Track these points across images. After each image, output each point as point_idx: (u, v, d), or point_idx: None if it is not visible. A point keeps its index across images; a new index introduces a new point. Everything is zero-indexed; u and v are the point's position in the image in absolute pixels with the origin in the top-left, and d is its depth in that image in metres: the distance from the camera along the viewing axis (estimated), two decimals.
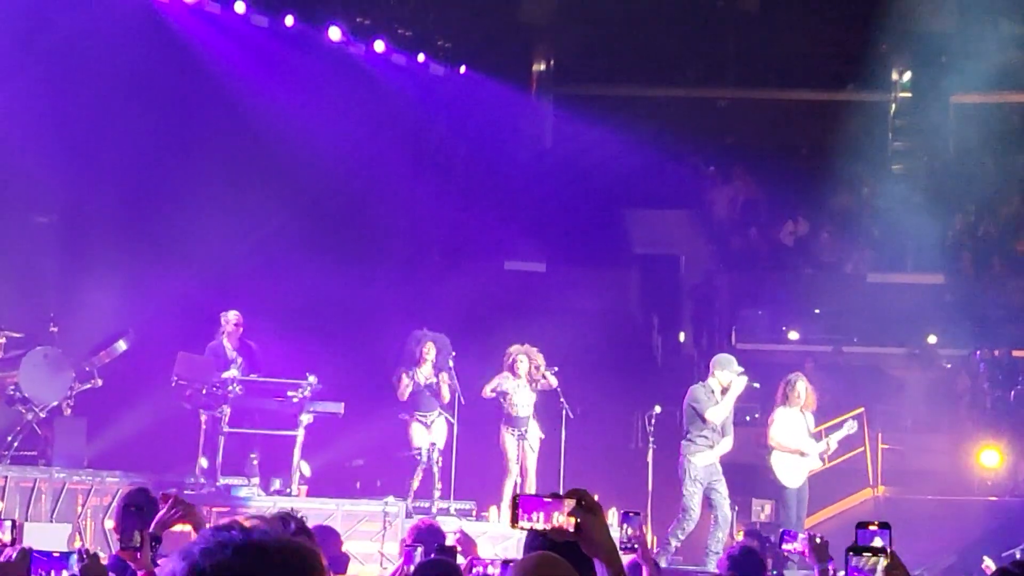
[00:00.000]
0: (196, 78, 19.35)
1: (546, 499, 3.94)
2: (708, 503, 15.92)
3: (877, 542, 3.93)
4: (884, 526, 3.97)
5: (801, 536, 6.04)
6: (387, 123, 21.34)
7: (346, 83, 21.14)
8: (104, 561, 6.31)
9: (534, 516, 3.92)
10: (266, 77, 20.05)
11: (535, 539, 4.35)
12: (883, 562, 3.72)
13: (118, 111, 17.97)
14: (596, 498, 3.94)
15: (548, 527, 3.91)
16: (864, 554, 3.68)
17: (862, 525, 3.99)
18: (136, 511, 6.19)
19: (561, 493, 3.95)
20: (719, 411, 15.83)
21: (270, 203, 19.80)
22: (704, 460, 15.77)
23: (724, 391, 15.90)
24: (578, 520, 3.90)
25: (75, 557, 5.80)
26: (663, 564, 12.96)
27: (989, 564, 15.39)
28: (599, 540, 3.93)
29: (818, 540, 5.99)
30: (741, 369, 15.97)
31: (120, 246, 18.19)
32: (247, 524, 2.36)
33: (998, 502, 21.16)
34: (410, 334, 17.50)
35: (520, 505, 3.92)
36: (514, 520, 3.95)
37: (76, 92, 17.69)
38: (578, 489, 3.99)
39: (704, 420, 15.79)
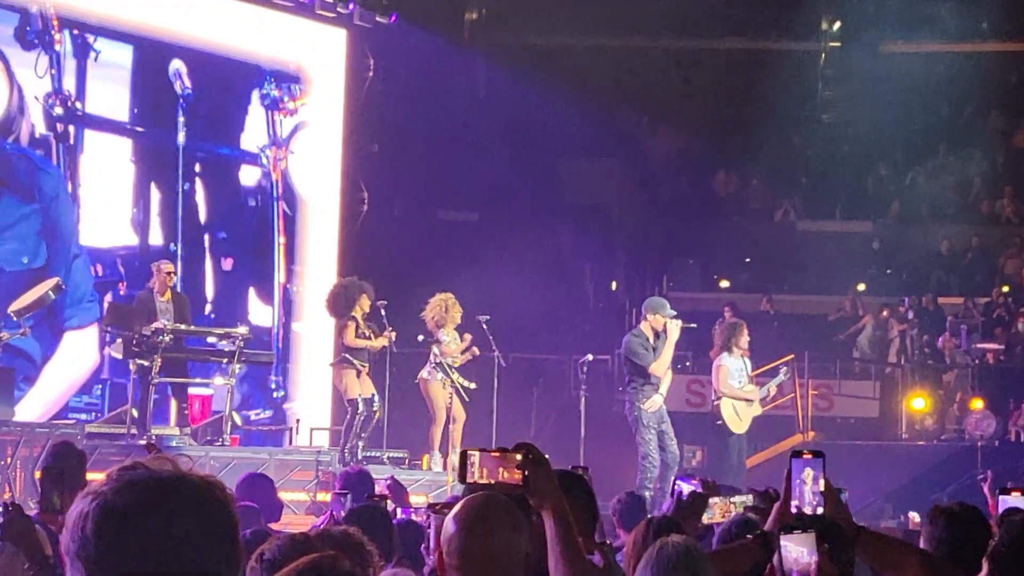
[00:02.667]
0: None
1: (493, 454, 3.96)
2: (658, 446, 15.90)
3: (808, 473, 3.98)
4: (818, 455, 4.02)
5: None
6: (317, 73, 21.19)
7: None
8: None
9: (481, 471, 3.94)
10: None
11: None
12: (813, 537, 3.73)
13: None
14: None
15: (495, 481, 3.94)
16: (795, 531, 3.69)
17: (796, 454, 4.03)
18: (56, 474, 6.10)
19: (503, 446, 3.98)
20: (661, 363, 15.76)
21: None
22: (653, 405, 15.76)
23: (656, 335, 15.85)
24: (525, 473, 3.92)
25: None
26: None
27: (914, 516, 15.60)
28: (547, 492, 3.95)
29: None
30: (674, 312, 15.93)
31: None
32: (152, 464, 2.34)
33: (926, 447, 21.42)
34: (338, 282, 17.45)
35: (467, 460, 3.93)
36: (462, 476, 3.97)
37: None
38: (525, 443, 4.03)
39: (644, 372, 15.73)
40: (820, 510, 3.89)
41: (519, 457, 3.93)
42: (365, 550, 4.34)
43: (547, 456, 4.01)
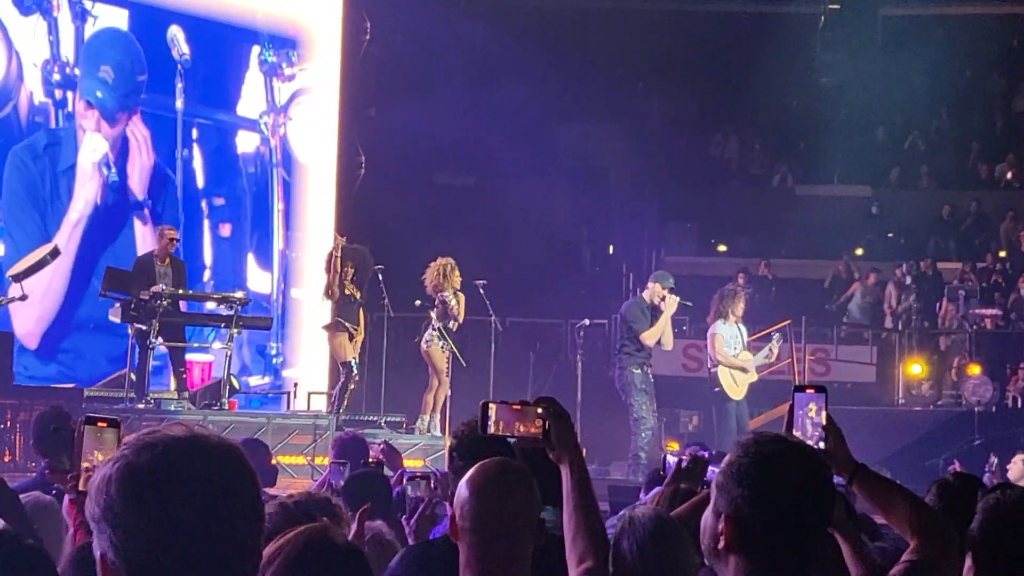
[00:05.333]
0: None
1: (514, 407, 3.98)
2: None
3: (812, 406, 3.99)
4: (820, 390, 4.03)
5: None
6: (314, 37, 21.13)
7: None
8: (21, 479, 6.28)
9: (499, 423, 3.96)
10: None
11: (478, 447, 4.37)
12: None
13: None
14: None
15: (514, 434, 3.96)
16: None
17: (799, 388, 4.04)
18: (66, 434, 6.09)
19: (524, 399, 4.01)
20: (653, 333, 15.83)
21: None
22: (643, 371, 15.85)
23: (651, 306, 15.91)
24: (546, 426, 3.93)
25: None
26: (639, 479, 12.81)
27: None
28: (567, 445, 3.98)
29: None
30: (672, 285, 15.98)
31: None
32: (169, 429, 2.37)
33: (923, 412, 21.44)
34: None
35: (489, 412, 3.95)
36: (483, 427, 4.00)
37: None
38: (546, 396, 4.07)
39: (636, 336, 15.80)
40: (822, 444, 3.91)
41: (540, 410, 3.96)
42: (334, 507, 4.35)
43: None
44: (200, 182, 19.97)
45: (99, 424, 3.83)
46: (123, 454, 2.34)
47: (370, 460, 8.96)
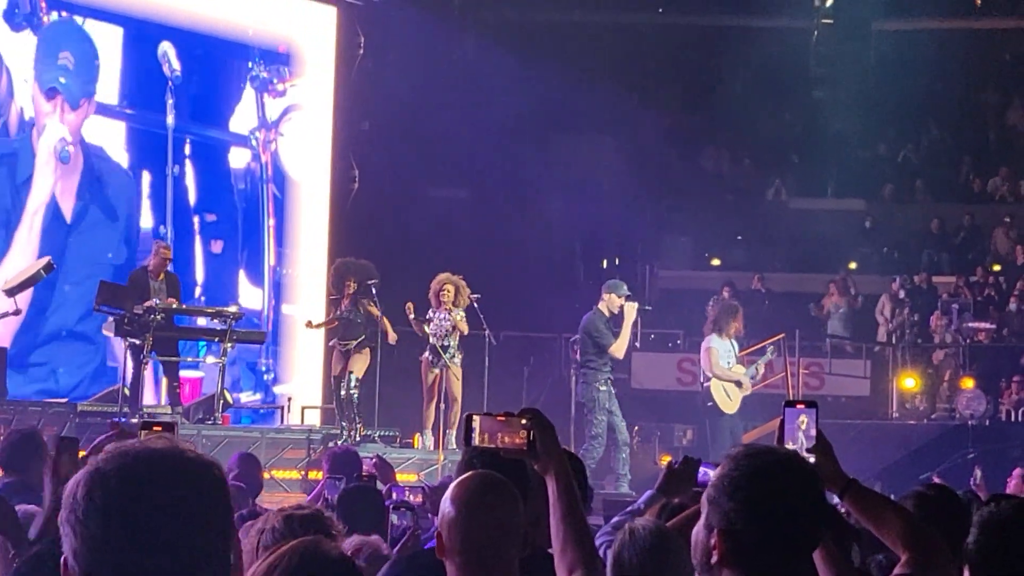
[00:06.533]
0: None
1: (499, 418, 3.98)
2: (609, 427, 15.90)
3: (803, 419, 3.99)
4: (811, 405, 4.03)
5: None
6: (307, 52, 21.15)
7: None
8: None
9: (483, 435, 3.96)
10: None
11: (474, 458, 4.37)
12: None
13: None
14: None
15: (499, 445, 3.96)
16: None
17: (790, 404, 4.04)
18: (72, 443, 6.07)
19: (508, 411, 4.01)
20: (621, 345, 15.79)
21: None
22: (608, 386, 15.86)
23: (612, 315, 15.88)
24: (531, 437, 3.93)
25: None
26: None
27: None
28: (552, 455, 3.98)
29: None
30: (627, 292, 15.99)
31: None
32: (150, 441, 2.38)
33: (916, 426, 21.44)
34: (334, 265, 17.46)
35: (473, 424, 3.95)
36: (467, 439, 3.99)
37: None
38: (531, 407, 4.08)
39: (604, 351, 15.75)
40: (812, 459, 3.91)
41: (524, 421, 3.96)
42: (324, 519, 4.35)
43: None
44: (191, 198, 19.96)
45: (154, 428, 3.83)
46: (95, 460, 2.34)
47: (363, 474, 8.99)
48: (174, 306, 16.01)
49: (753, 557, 3.09)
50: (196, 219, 19.99)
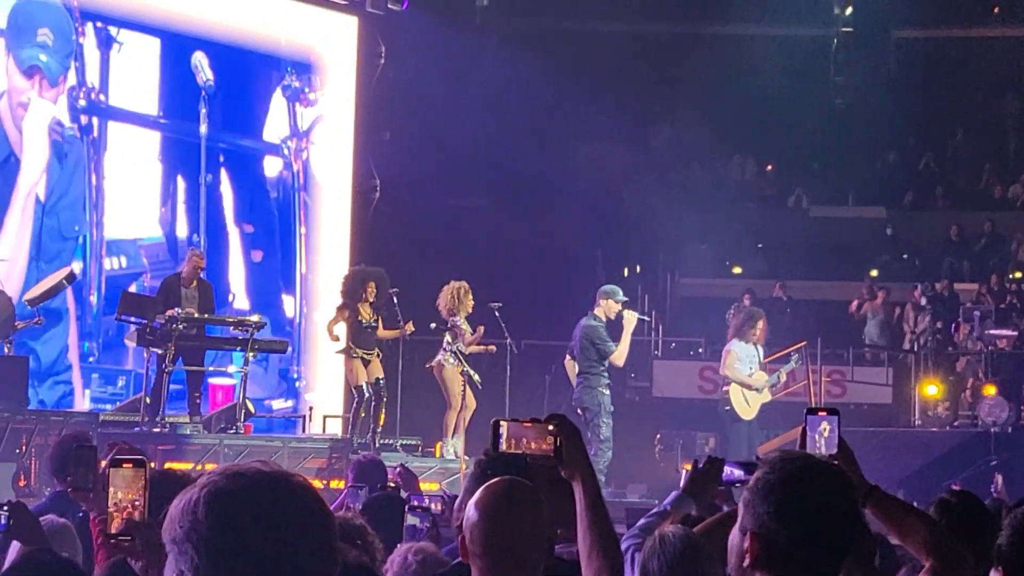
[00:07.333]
0: None
1: (525, 424, 4.00)
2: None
3: (825, 426, 4.02)
4: (833, 412, 4.05)
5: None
6: (329, 61, 21.21)
7: None
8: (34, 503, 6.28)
9: (510, 441, 3.97)
10: None
11: (494, 466, 4.37)
12: None
13: None
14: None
15: (526, 451, 3.98)
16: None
17: (812, 411, 4.06)
18: (88, 450, 6.13)
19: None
20: (622, 353, 15.79)
21: None
22: (608, 391, 15.90)
23: (608, 321, 15.86)
24: (558, 443, 3.94)
25: (1, 513, 5.61)
26: None
27: None
28: (578, 462, 3.99)
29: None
30: (625, 299, 15.98)
31: None
32: (255, 465, 2.46)
33: (939, 433, 21.37)
34: (350, 270, 17.48)
35: (500, 429, 3.96)
36: (495, 445, 4.00)
37: None
38: (557, 413, 4.09)
39: (605, 358, 15.75)
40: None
41: (551, 427, 3.98)
42: (367, 535, 4.37)
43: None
44: (225, 207, 20.00)
45: (124, 465, 3.84)
46: (212, 480, 2.40)
47: (387, 484, 8.99)
48: (195, 315, 16.02)
49: (785, 560, 3.11)
50: (229, 227, 20.02)
